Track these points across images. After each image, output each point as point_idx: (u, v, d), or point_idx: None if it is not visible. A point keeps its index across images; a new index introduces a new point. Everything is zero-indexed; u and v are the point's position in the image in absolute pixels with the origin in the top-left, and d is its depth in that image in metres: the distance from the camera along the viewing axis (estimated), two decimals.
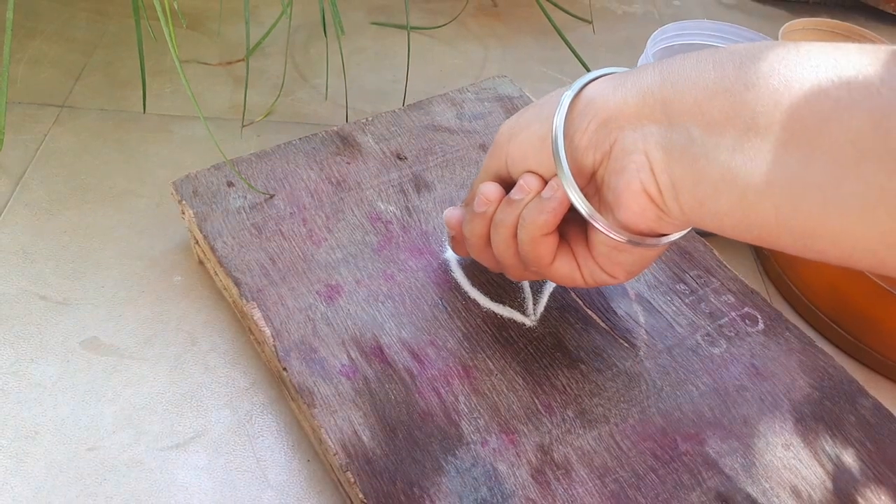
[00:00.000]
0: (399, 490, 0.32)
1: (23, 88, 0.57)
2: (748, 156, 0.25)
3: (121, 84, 0.58)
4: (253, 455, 0.38)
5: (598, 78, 0.32)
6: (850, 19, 0.69)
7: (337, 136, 0.47)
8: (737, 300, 0.41)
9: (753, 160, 0.25)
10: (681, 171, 0.27)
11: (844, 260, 0.26)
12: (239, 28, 0.66)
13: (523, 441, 0.34)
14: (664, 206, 0.29)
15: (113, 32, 0.63)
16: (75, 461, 0.37)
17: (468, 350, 0.37)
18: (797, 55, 0.25)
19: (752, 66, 0.26)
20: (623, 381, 0.37)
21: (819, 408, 0.36)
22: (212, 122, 0.56)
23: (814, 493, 0.33)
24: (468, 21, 0.72)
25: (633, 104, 0.29)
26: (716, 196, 0.27)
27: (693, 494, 0.33)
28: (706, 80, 0.27)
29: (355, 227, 0.42)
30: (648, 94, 0.28)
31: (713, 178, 0.27)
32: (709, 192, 0.27)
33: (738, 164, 0.26)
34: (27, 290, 0.43)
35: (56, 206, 0.48)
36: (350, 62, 0.63)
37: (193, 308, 0.44)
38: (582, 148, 0.31)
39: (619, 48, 0.71)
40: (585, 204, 0.31)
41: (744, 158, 0.26)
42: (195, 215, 0.41)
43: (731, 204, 0.27)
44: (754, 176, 0.25)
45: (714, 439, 0.35)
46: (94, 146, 0.53)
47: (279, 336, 0.37)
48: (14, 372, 0.40)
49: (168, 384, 0.40)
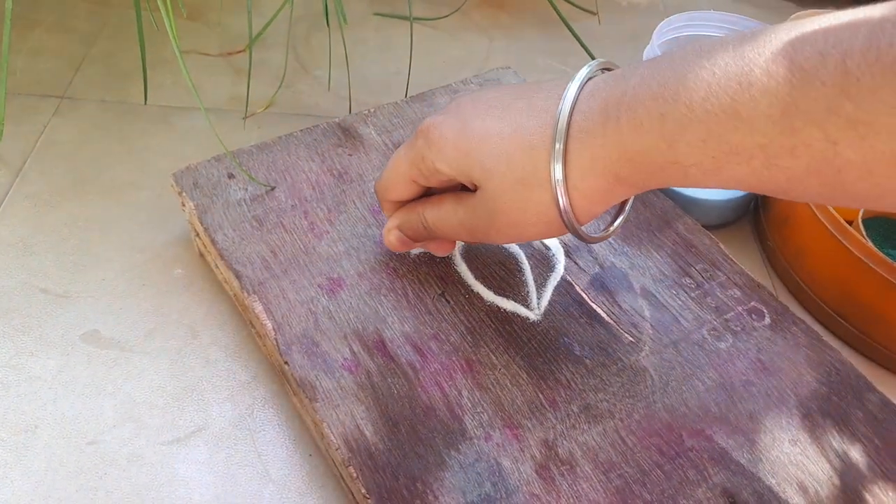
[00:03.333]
0: (402, 485, 0.31)
1: (23, 79, 0.56)
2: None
3: (121, 75, 0.58)
4: (254, 449, 0.37)
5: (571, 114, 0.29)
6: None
7: (338, 127, 0.47)
8: (743, 294, 0.40)
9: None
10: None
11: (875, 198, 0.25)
12: (240, 18, 0.65)
13: (527, 436, 0.33)
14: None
15: (113, 23, 0.63)
16: (75, 455, 0.36)
17: (471, 344, 0.37)
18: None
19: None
20: (628, 376, 0.36)
21: (826, 403, 0.36)
22: (213, 113, 0.56)
23: (821, 489, 0.33)
24: (472, 11, 0.71)
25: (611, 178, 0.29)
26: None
27: (699, 490, 0.32)
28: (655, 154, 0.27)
29: (357, 219, 0.42)
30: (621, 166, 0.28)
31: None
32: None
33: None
34: (27, 282, 0.43)
35: (56, 197, 0.48)
36: (352, 53, 0.62)
37: (194, 301, 0.43)
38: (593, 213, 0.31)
39: (624, 39, 0.70)
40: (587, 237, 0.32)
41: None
42: (195, 207, 0.41)
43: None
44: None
45: (720, 435, 0.34)
46: (95, 137, 0.53)
47: (281, 329, 0.36)
48: (14, 365, 0.39)
49: (169, 378, 0.40)
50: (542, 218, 0.31)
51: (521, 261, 0.41)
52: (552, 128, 0.29)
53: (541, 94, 0.31)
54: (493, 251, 0.41)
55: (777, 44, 0.24)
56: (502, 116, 0.31)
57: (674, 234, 0.43)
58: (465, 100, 0.33)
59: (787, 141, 0.24)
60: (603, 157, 0.28)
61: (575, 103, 0.29)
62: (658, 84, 0.27)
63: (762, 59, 0.24)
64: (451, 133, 0.32)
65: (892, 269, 0.41)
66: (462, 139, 0.32)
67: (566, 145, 0.29)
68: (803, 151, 0.24)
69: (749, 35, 0.25)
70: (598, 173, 0.29)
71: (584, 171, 0.29)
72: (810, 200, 0.36)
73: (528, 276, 0.40)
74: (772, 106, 0.24)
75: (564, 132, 0.29)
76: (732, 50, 0.25)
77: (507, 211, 0.31)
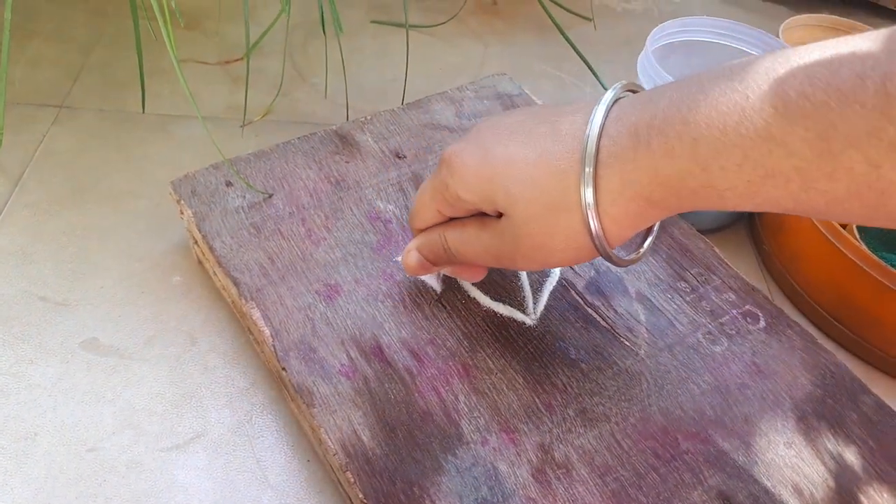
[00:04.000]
0: (399, 490, 0.31)
1: (21, 89, 0.57)
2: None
3: (119, 84, 0.58)
4: (253, 455, 0.37)
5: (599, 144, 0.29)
6: (852, 15, 0.68)
7: (336, 135, 0.47)
8: (738, 298, 0.41)
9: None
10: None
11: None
12: (237, 27, 0.66)
13: (524, 440, 0.34)
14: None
15: (111, 33, 0.63)
16: (75, 462, 0.36)
17: (468, 349, 0.37)
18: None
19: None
20: (624, 380, 0.36)
21: (821, 405, 0.36)
22: (210, 121, 0.56)
23: (816, 491, 0.33)
24: (468, 18, 0.71)
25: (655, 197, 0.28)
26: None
27: (694, 493, 0.33)
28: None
29: (354, 226, 0.42)
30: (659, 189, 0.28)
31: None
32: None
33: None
34: (27, 291, 0.43)
35: (55, 206, 0.48)
36: (349, 61, 0.62)
37: (193, 308, 0.44)
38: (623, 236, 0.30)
39: (619, 45, 0.70)
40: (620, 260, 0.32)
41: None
42: (194, 215, 0.41)
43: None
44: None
45: (715, 438, 0.34)
46: (93, 146, 0.53)
47: (278, 336, 0.36)
48: (14, 373, 0.40)
49: (168, 385, 0.40)
50: (572, 243, 0.30)
51: None
52: (580, 152, 0.29)
53: (565, 118, 0.30)
54: None
55: (811, 66, 0.24)
56: (526, 142, 0.30)
57: (669, 239, 0.43)
58: (486, 126, 0.33)
59: (825, 164, 0.24)
60: (634, 181, 0.28)
61: (603, 127, 0.29)
62: (688, 108, 0.26)
63: (796, 82, 0.24)
64: (473, 160, 0.31)
65: (887, 273, 0.42)
66: (484, 166, 0.31)
67: (596, 170, 0.28)
68: (843, 175, 0.24)
69: (780, 56, 0.25)
70: (629, 198, 0.28)
71: (615, 195, 0.28)
72: (850, 222, 0.35)
73: (525, 280, 0.40)
74: (808, 129, 0.24)
75: (594, 156, 0.28)
76: (764, 73, 0.25)
77: (535, 236, 0.31)
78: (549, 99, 0.58)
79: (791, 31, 0.65)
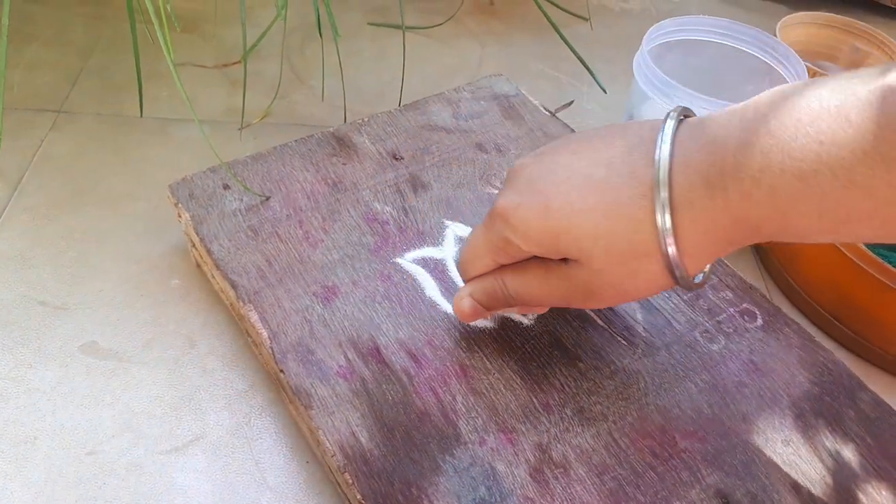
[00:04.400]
0: (397, 490, 0.32)
1: (19, 94, 0.57)
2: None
3: (117, 88, 0.58)
4: (252, 457, 0.38)
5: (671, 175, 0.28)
6: (849, 13, 0.68)
7: (333, 137, 0.47)
8: (735, 296, 0.41)
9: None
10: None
11: None
12: (234, 30, 0.66)
13: (521, 440, 0.34)
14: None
15: (109, 36, 0.63)
16: (75, 466, 0.37)
17: (465, 349, 0.37)
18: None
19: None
20: (621, 379, 0.36)
21: (819, 403, 0.36)
22: (208, 124, 0.56)
23: (814, 488, 0.33)
24: (465, 19, 0.71)
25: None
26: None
27: (692, 492, 0.33)
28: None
29: (352, 228, 0.42)
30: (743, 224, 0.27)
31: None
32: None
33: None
34: (26, 295, 0.44)
35: (54, 210, 0.48)
36: (347, 63, 0.62)
37: (191, 311, 0.44)
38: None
39: (616, 45, 0.71)
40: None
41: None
42: (191, 218, 0.41)
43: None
44: None
45: (713, 436, 0.35)
46: (91, 150, 0.53)
47: (276, 338, 0.37)
48: (13, 377, 0.40)
49: (167, 387, 0.40)
50: (653, 285, 0.30)
51: None
52: (651, 200, 0.28)
53: (623, 158, 0.30)
54: None
55: (884, 105, 0.23)
56: (587, 191, 0.30)
57: None
58: (534, 173, 0.32)
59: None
60: (714, 228, 0.28)
61: (670, 171, 0.28)
62: (761, 153, 0.26)
63: (872, 125, 0.23)
64: (534, 215, 0.31)
65: (885, 271, 0.42)
66: (548, 220, 0.30)
67: (673, 218, 0.28)
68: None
69: (847, 90, 0.25)
70: (710, 241, 0.28)
71: (697, 242, 0.28)
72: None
73: None
74: (891, 172, 0.23)
75: (668, 205, 0.28)
76: (836, 111, 0.24)
77: (614, 283, 0.30)
78: (546, 99, 0.58)
79: (788, 30, 0.65)
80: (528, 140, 0.49)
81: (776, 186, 0.26)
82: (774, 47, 0.51)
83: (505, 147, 0.48)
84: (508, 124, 0.50)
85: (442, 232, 0.42)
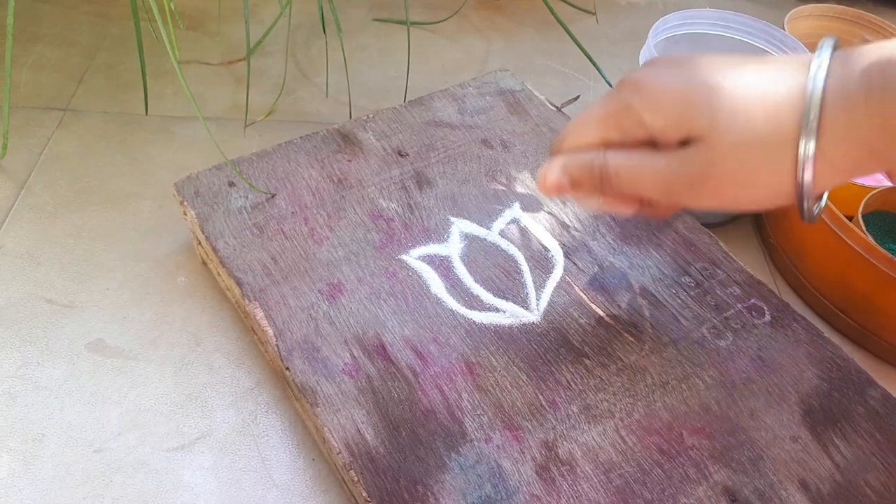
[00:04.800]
0: (402, 488, 0.31)
1: (26, 93, 0.57)
2: None
3: (123, 86, 0.58)
4: (258, 455, 0.38)
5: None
6: (858, 4, 0.68)
7: (338, 133, 0.47)
8: (743, 292, 0.40)
9: None
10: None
11: None
12: (239, 27, 0.66)
13: (527, 437, 0.34)
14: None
15: (114, 35, 0.63)
16: (82, 463, 0.37)
17: (471, 347, 0.37)
18: None
19: None
20: (628, 376, 0.36)
21: (827, 399, 0.36)
22: (214, 122, 0.56)
23: (822, 485, 0.33)
24: (470, 14, 0.71)
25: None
26: None
27: (700, 489, 0.32)
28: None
29: (357, 224, 0.42)
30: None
31: None
32: None
33: None
34: (33, 293, 0.44)
35: (60, 209, 0.49)
36: (352, 59, 0.62)
37: (197, 309, 0.44)
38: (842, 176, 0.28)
39: (622, 39, 0.70)
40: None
41: None
42: (197, 216, 0.41)
43: None
44: None
45: (721, 433, 0.34)
46: (98, 149, 0.53)
47: (282, 335, 0.37)
48: (21, 375, 0.40)
49: (173, 385, 0.40)
50: (774, 182, 0.28)
51: (520, 262, 0.41)
52: (802, 88, 0.27)
53: (776, 63, 0.29)
54: (492, 253, 0.41)
55: None
56: (735, 74, 0.29)
57: (673, 233, 0.43)
58: (677, 58, 0.31)
59: None
60: (861, 126, 0.26)
61: (829, 68, 0.27)
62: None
63: None
64: (671, 82, 0.29)
65: (892, 264, 0.41)
66: (686, 90, 0.29)
67: (822, 110, 0.27)
68: None
69: None
70: (851, 143, 0.27)
71: (839, 138, 0.27)
72: None
73: (528, 277, 0.40)
74: None
75: (820, 94, 0.27)
76: None
77: (735, 170, 0.29)
78: (552, 94, 0.58)
79: (797, 22, 0.65)
80: (534, 136, 0.48)
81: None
82: (782, 40, 0.51)
83: (510, 143, 0.48)
84: (514, 120, 0.49)
85: (447, 229, 0.42)
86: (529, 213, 0.43)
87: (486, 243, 0.42)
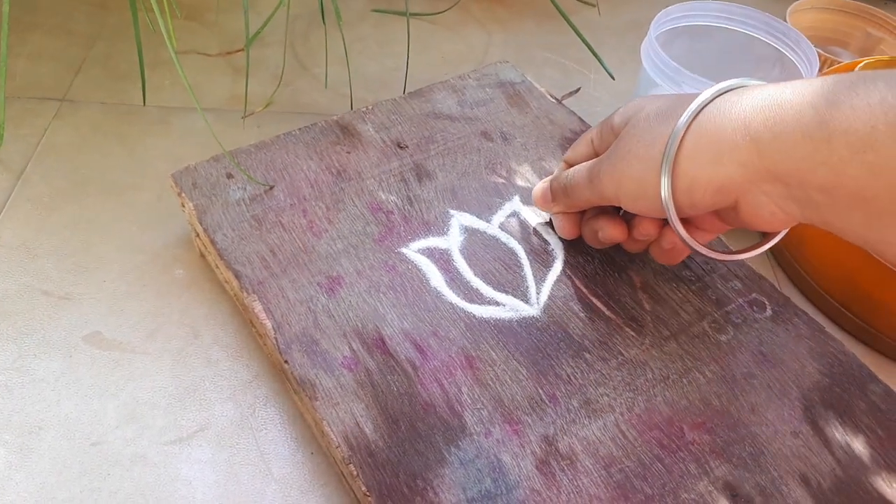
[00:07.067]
0: (402, 482, 0.31)
1: (22, 83, 0.56)
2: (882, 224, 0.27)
3: (121, 77, 0.58)
4: (256, 448, 0.37)
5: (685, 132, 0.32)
6: None
7: (337, 125, 0.47)
8: (744, 286, 0.40)
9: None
10: (817, 216, 0.30)
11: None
12: (237, 17, 0.65)
13: (527, 432, 0.33)
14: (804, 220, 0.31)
15: (112, 25, 0.63)
16: (79, 456, 0.36)
17: (471, 340, 0.37)
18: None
19: (841, 126, 0.26)
20: (628, 370, 0.36)
21: (829, 394, 0.36)
22: (212, 113, 0.56)
23: (823, 481, 0.33)
24: (470, 5, 0.71)
25: (740, 178, 0.30)
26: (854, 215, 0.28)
27: (700, 484, 0.32)
28: (802, 152, 0.28)
29: (356, 217, 0.42)
30: (751, 168, 0.30)
31: (852, 217, 0.28)
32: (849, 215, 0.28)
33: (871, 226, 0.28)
34: (29, 285, 0.43)
35: (57, 200, 0.48)
36: (351, 50, 0.62)
37: (195, 301, 0.43)
38: (699, 206, 0.32)
39: (623, 31, 0.70)
40: (707, 252, 0.35)
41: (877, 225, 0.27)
42: (195, 208, 0.41)
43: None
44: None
45: (721, 428, 0.34)
46: (95, 140, 0.53)
47: (280, 328, 0.36)
48: (17, 368, 0.40)
49: (171, 378, 0.40)
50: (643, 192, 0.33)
51: (521, 256, 0.41)
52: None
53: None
54: (492, 246, 0.41)
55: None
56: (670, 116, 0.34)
57: None
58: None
59: None
60: (718, 136, 0.30)
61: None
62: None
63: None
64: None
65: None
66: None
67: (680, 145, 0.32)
68: None
69: None
70: (707, 148, 0.31)
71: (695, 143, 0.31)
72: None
73: (528, 271, 0.40)
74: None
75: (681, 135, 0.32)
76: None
77: (634, 148, 0.34)
78: (553, 86, 0.58)
79: (799, 15, 0.64)
80: (534, 128, 0.48)
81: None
82: (785, 33, 0.51)
83: (510, 135, 0.47)
84: (514, 112, 0.49)
85: (447, 221, 0.42)
86: (530, 206, 0.43)
87: (486, 236, 0.41)
